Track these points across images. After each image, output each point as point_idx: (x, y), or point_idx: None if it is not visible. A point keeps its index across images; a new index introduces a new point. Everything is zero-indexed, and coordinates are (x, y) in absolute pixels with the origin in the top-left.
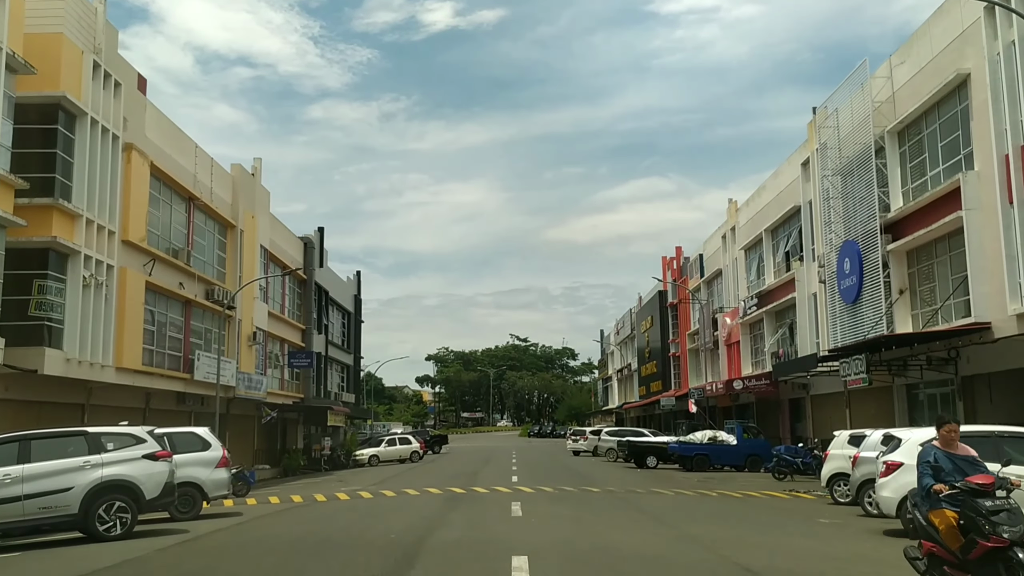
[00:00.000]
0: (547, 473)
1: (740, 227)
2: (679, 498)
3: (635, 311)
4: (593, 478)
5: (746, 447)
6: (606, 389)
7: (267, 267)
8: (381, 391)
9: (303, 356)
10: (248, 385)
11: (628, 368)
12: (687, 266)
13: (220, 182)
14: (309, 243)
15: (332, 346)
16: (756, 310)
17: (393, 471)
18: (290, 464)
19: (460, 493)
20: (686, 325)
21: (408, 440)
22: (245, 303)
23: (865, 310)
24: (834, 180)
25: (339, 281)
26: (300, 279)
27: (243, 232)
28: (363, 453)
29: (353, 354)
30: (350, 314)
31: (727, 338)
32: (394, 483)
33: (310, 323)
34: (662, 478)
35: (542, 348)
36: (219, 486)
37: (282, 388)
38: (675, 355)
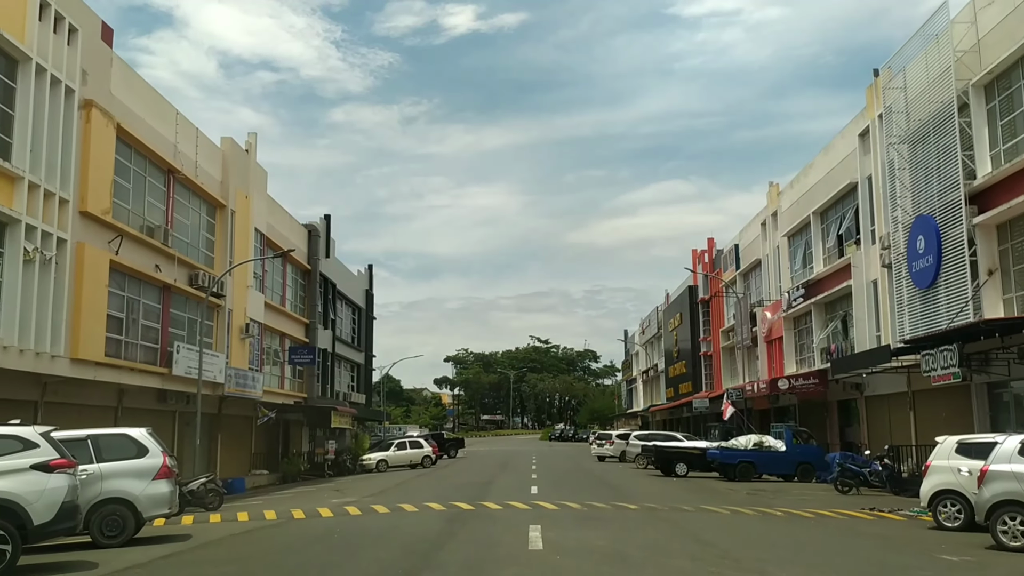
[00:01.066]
0: (571, 483)
1: (783, 212)
2: (739, 519)
3: (662, 309)
4: (626, 490)
5: (796, 454)
6: (630, 391)
7: (263, 253)
8: (399, 393)
9: (305, 352)
10: (240, 382)
11: (654, 369)
12: (720, 258)
13: (207, 156)
14: (314, 231)
15: (340, 343)
16: (802, 302)
17: (400, 478)
18: (289, 470)
19: (467, 510)
20: (719, 322)
21: (419, 444)
22: (237, 292)
23: (943, 295)
24: (901, 149)
25: (348, 274)
26: (304, 269)
27: (235, 213)
28: (371, 458)
29: (364, 352)
30: (361, 310)
31: (767, 334)
32: (395, 494)
33: (314, 317)
34: (704, 490)
35: (563, 350)
36: (157, 503)
37: (282, 387)
38: (707, 354)
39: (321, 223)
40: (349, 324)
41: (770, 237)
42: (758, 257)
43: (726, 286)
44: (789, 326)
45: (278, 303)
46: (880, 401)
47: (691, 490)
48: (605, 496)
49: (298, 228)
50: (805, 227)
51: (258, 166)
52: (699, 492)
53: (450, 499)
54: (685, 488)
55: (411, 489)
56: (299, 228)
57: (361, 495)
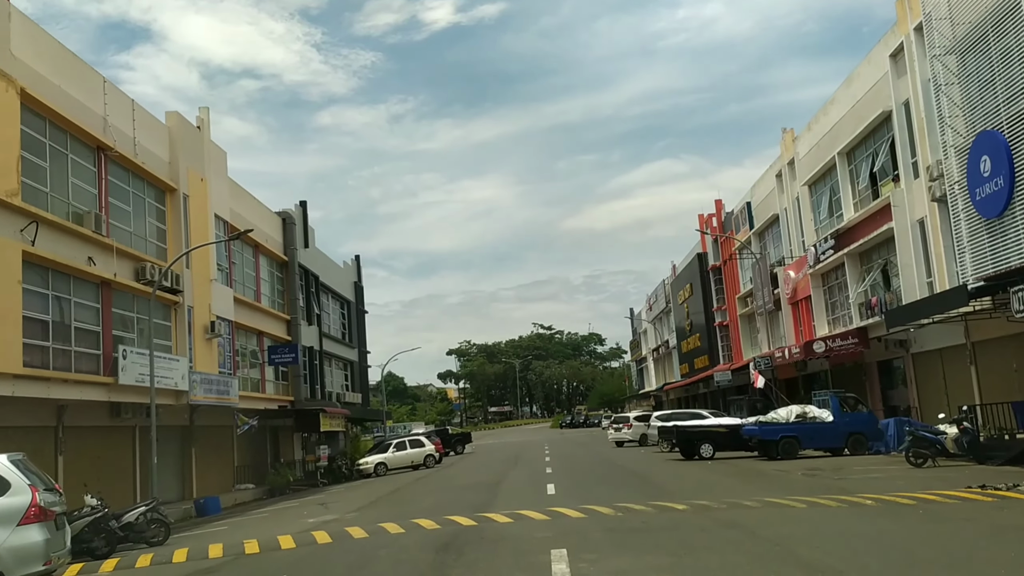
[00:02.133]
0: (592, 476)
1: (801, 159)
2: (825, 517)
3: (669, 282)
4: (659, 481)
5: (845, 424)
6: (640, 371)
7: (228, 244)
8: (404, 391)
9: (287, 351)
10: (210, 388)
11: (665, 346)
12: (731, 221)
13: (150, 133)
14: (288, 219)
15: (329, 339)
16: (832, 255)
17: (397, 483)
18: (277, 482)
19: (466, 528)
20: (734, 288)
21: (420, 442)
22: (199, 286)
23: (1021, 222)
24: (948, 61)
25: (333, 266)
26: (280, 261)
27: (188, 198)
28: (368, 461)
29: (357, 348)
30: (350, 303)
31: (792, 295)
32: (385, 506)
33: (296, 312)
34: (750, 474)
35: (568, 335)
36: (24, 558)
37: (263, 390)
38: (722, 324)
39: (296, 210)
40: (338, 319)
41: (788, 189)
42: (774, 213)
43: (740, 248)
44: (817, 283)
45: (252, 298)
46: (930, 358)
47: (735, 475)
48: (637, 491)
49: (270, 216)
50: (829, 171)
51: (215, 145)
52: (746, 477)
53: (449, 510)
54: (727, 473)
55: (406, 498)
56: (271, 216)
57: (346, 510)
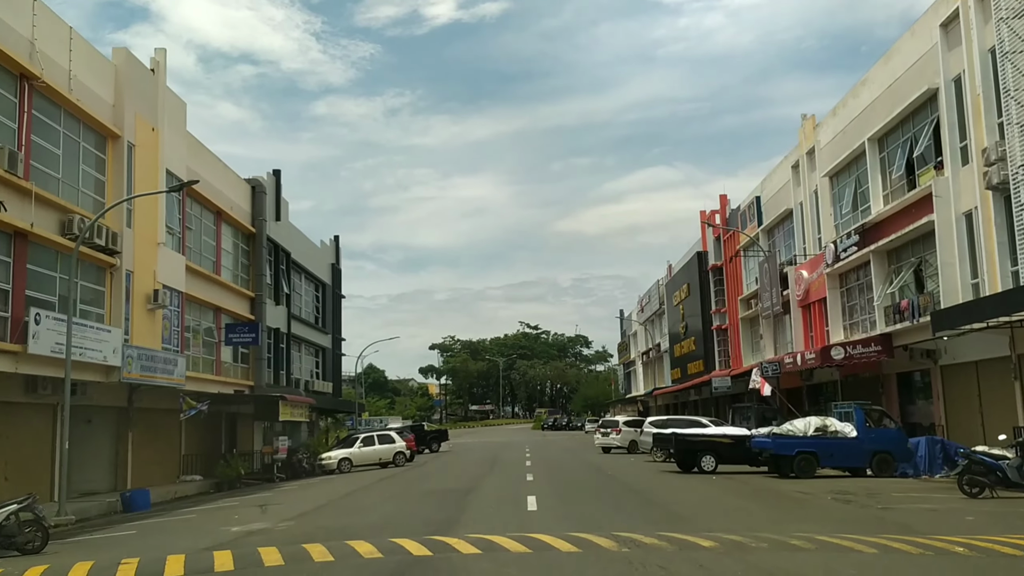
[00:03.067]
0: (581, 488)
1: (822, 148)
2: (915, 567)
3: (664, 282)
4: (662, 499)
5: (870, 441)
6: (628, 375)
7: (183, 205)
8: (384, 384)
9: (246, 330)
10: (149, 365)
11: (656, 349)
12: (736, 217)
13: (90, 69)
14: (258, 187)
15: (299, 322)
16: (856, 252)
17: (358, 483)
18: (226, 474)
19: (415, 559)
20: (736, 289)
21: (390, 438)
22: (141, 249)
23: None
24: (1016, 25)
25: (308, 244)
26: (246, 232)
27: (134, 148)
28: (331, 456)
29: (331, 335)
30: (325, 286)
31: (803, 297)
32: (330, 514)
33: (261, 289)
34: (769, 495)
35: (554, 336)
36: None
37: (217, 372)
38: (720, 328)
39: (268, 179)
40: (312, 302)
41: (805, 181)
42: (788, 207)
43: (746, 246)
44: (835, 284)
45: (210, 270)
46: (963, 371)
47: (752, 495)
48: (640, 513)
49: (236, 181)
50: (856, 160)
51: (172, 93)
52: (766, 499)
53: (402, 527)
54: (741, 493)
55: (359, 504)
56: (238, 182)
57: (284, 516)
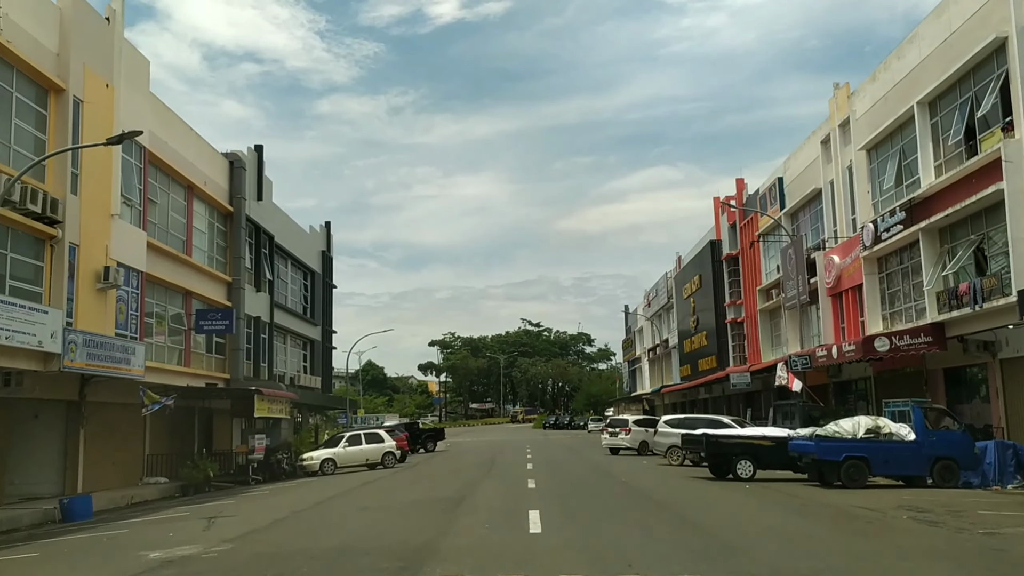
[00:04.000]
0: (594, 499)
1: (858, 118)
2: None
3: (673, 275)
4: (698, 517)
5: (931, 445)
6: (633, 373)
7: (144, 173)
8: (383, 381)
9: (218, 317)
10: (99, 354)
11: (664, 345)
12: (755, 202)
13: (28, 10)
14: (237, 162)
15: (283, 312)
16: (901, 231)
17: (334, 489)
18: (193, 477)
19: None
20: (754, 279)
21: (379, 437)
22: (90, 220)
23: None
24: None
25: (295, 229)
26: (223, 211)
27: (83, 105)
28: (312, 457)
29: (320, 326)
30: (315, 274)
31: (833, 285)
32: (279, 536)
33: (240, 274)
34: (826, 512)
35: (556, 334)
36: None
37: (186, 363)
38: (735, 321)
39: (249, 154)
40: (299, 292)
41: (837, 156)
42: (815, 187)
43: (765, 233)
44: (872, 269)
45: (179, 249)
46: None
47: (809, 514)
48: (673, 539)
49: (211, 155)
50: (902, 128)
51: (132, 47)
52: (827, 518)
53: (368, 555)
54: (792, 508)
55: (324, 519)
56: (213, 155)
57: (227, 535)
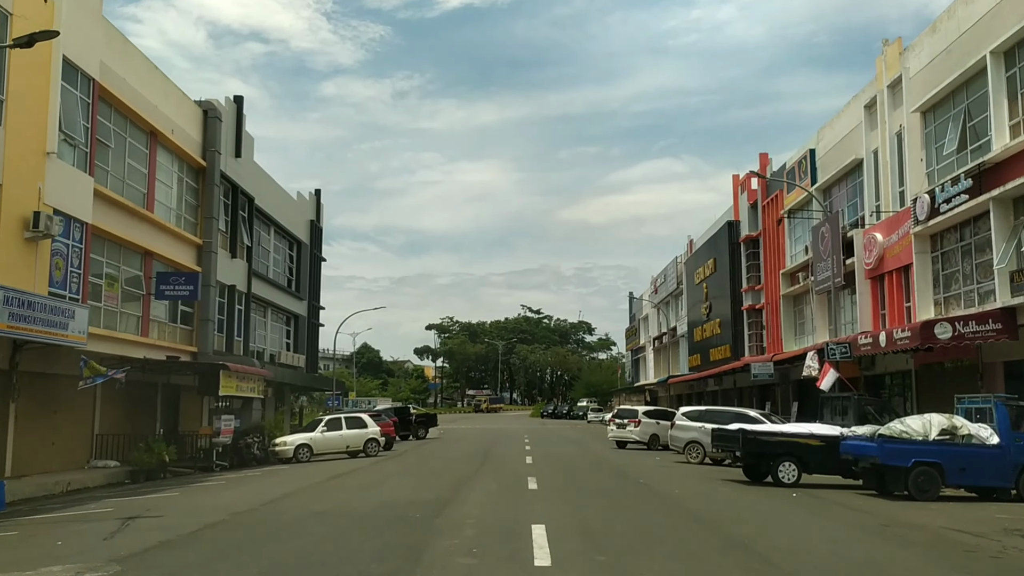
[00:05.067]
0: (612, 506)
1: (913, 76)
2: None
3: (683, 259)
4: (748, 536)
5: (1018, 450)
6: (637, 362)
7: (92, 110)
8: (378, 364)
9: (181, 280)
10: (25, 315)
11: (671, 333)
12: (781, 176)
13: None
14: (212, 112)
15: (264, 283)
16: (966, 202)
17: (296, 482)
18: (145, 461)
19: None
20: (778, 262)
21: (361, 422)
22: (17, 156)
23: None
24: None
25: (280, 193)
26: (195, 165)
27: (11, 19)
28: (286, 442)
29: (307, 301)
30: (301, 244)
31: (874, 266)
32: (198, 551)
33: (212, 236)
34: (913, 534)
35: (556, 321)
36: None
37: (143, 332)
38: (753, 308)
39: (228, 105)
40: (284, 262)
41: (884, 122)
42: (855, 157)
43: (792, 211)
44: (924, 246)
45: (139, 203)
46: None
47: (890, 536)
48: (723, 563)
49: (182, 101)
50: (967, 85)
51: None
52: (916, 544)
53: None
54: (866, 527)
55: (262, 528)
56: (184, 102)
57: (126, 549)
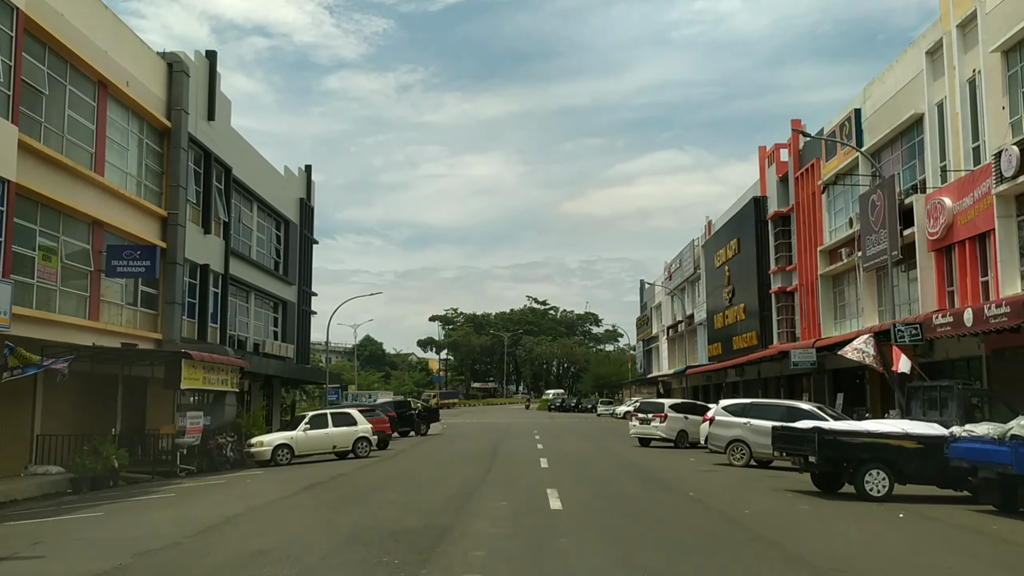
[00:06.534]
0: (655, 524)
1: (990, 12)
2: None
3: (700, 242)
4: None
5: None
6: (648, 352)
7: (16, 46)
8: (381, 357)
9: (136, 254)
10: None
11: (688, 321)
12: (815, 147)
13: None
14: (177, 65)
15: (244, 263)
16: None
17: (264, 494)
18: (90, 467)
19: None
20: (814, 239)
21: (350, 419)
22: None
23: None
24: None
25: (264, 166)
26: (158, 126)
27: None
28: (263, 442)
29: (296, 286)
30: (289, 224)
31: (941, 235)
32: None
33: (178, 207)
34: None
35: (563, 312)
36: None
37: (93, 316)
38: (784, 290)
39: (198, 60)
40: (270, 242)
41: (952, 68)
42: (915, 112)
43: (832, 180)
44: (1009, 209)
45: (85, 165)
46: None
47: None
48: None
49: (142, 52)
50: None
51: None
52: None
53: None
54: None
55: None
56: (145, 53)
57: None
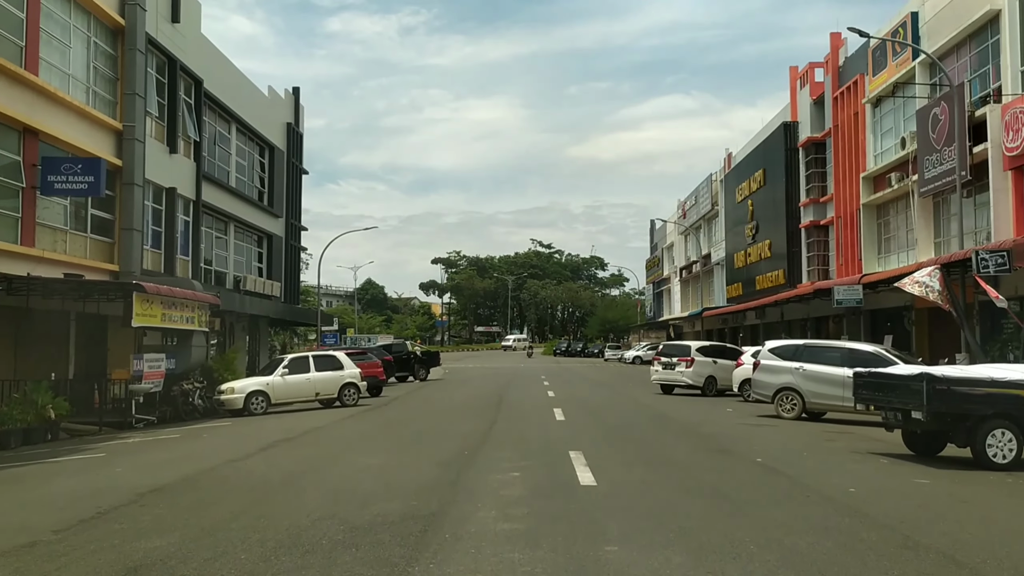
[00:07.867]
0: (736, 513)
1: None
2: None
3: (719, 176)
4: None
5: None
6: (659, 295)
7: None
8: (383, 300)
9: (76, 168)
10: None
11: (704, 261)
12: (858, 62)
13: None
14: None
15: (220, 189)
16: None
17: (221, 452)
18: (19, 417)
19: None
20: (855, 165)
21: (335, 362)
22: None
23: None
24: None
25: (243, 83)
26: (109, 24)
27: None
28: (234, 389)
29: (283, 219)
30: (275, 150)
31: (1022, 150)
32: None
33: (135, 119)
34: None
35: (567, 257)
36: None
37: (27, 241)
38: (816, 224)
39: None
40: (252, 169)
41: None
42: (989, 9)
43: (882, 94)
44: None
45: (14, 60)
46: None
47: None
48: None
49: None
50: None
51: None
52: None
53: None
54: None
55: None
56: None
57: None
